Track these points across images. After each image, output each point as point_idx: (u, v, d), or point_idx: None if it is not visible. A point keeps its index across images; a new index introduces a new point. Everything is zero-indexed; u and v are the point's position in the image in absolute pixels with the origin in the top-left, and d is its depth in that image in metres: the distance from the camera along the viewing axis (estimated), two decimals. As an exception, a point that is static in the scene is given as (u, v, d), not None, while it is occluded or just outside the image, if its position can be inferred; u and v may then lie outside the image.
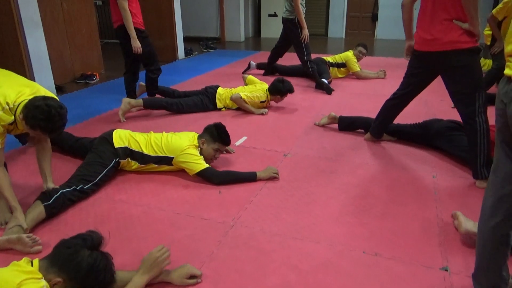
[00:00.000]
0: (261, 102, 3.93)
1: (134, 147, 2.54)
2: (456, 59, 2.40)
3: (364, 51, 5.36)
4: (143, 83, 4.12)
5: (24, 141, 2.92)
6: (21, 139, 2.86)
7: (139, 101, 3.73)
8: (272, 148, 3.05)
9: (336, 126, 3.45)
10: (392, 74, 5.55)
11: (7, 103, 1.90)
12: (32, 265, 1.34)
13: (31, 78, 4.36)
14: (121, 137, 2.54)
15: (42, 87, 2.08)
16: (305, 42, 4.70)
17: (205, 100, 3.93)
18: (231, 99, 3.85)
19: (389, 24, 9.55)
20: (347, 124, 3.37)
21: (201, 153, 2.57)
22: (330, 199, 2.32)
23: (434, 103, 4.18)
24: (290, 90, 3.92)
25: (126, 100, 3.69)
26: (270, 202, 2.29)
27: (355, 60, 5.32)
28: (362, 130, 3.34)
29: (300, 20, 4.60)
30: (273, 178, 2.55)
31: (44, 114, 1.83)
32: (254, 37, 10.37)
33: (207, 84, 4.44)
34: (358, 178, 2.59)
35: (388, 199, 2.33)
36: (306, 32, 4.66)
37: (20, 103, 1.91)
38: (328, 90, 4.63)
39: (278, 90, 3.88)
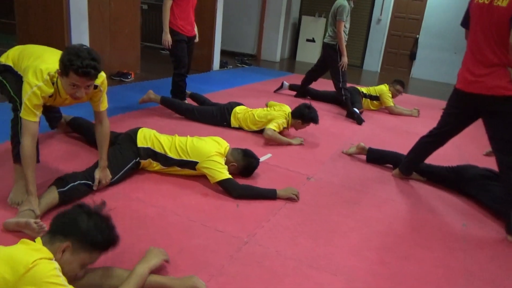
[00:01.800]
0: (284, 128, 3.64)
1: (157, 148, 2.50)
2: (502, 105, 2.28)
3: (401, 89, 5.25)
4: (151, 91, 3.96)
5: (53, 126, 2.94)
6: (51, 123, 2.89)
7: (158, 97, 3.84)
8: (295, 170, 2.97)
9: (363, 157, 3.34)
10: (425, 114, 5.41)
11: (48, 74, 1.91)
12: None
13: (70, 68, 4.45)
14: (145, 137, 2.52)
15: None
16: (343, 70, 4.65)
17: (218, 115, 3.75)
18: (266, 138, 3.43)
19: (427, 64, 9.43)
20: (376, 157, 3.26)
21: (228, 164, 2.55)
22: (351, 231, 2.21)
23: (468, 149, 4.02)
24: (314, 119, 3.56)
25: (149, 91, 3.87)
26: (288, 224, 2.20)
27: (390, 95, 5.22)
28: (391, 165, 3.22)
29: (341, 47, 4.57)
30: (293, 199, 2.46)
31: (74, 51, 1.80)
32: (289, 59, 10.43)
33: (237, 98, 4.44)
34: (382, 213, 2.47)
35: (413, 240, 2.20)
36: (345, 59, 4.62)
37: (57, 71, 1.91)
38: (359, 120, 4.54)
39: (302, 115, 3.53)
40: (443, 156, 3.27)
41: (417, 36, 9.40)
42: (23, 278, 1.13)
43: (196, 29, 4.20)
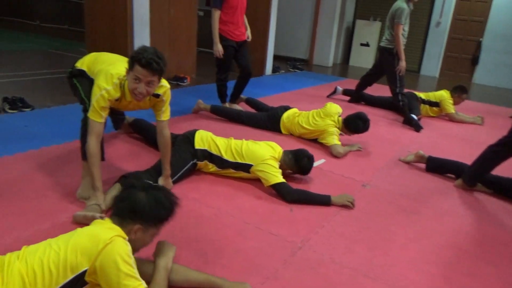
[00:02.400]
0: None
1: (213, 150, 2.56)
2: None
3: (464, 95, 4.96)
4: (201, 101, 4.10)
5: (117, 127, 3.11)
6: (116, 124, 3.06)
7: (207, 106, 3.98)
8: (350, 176, 2.90)
9: (422, 165, 3.19)
10: (490, 122, 5.07)
11: (119, 77, 2.02)
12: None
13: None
14: (203, 139, 2.59)
15: None
16: (400, 74, 4.49)
17: (266, 120, 3.75)
18: (334, 155, 3.26)
19: (491, 69, 8.85)
20: (437, 166, 3.10)
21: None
22: (410, 242, 2.11)
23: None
24: (363, 131, 3.41)
25: (199, 101, 4.04)
26: (343, 231, 2.15)
27: (451, 101, 4.94)
28: (453, 175, 3.05)
29: (399, 50, 4.41)
30: (348, 206, 2.40)
31: (142, 47, 1.92)
32: (342, 64, 10.25)
33: (289, 102, 4.43)
34: (444, 225, 2.34)
35: (477, 256, 2.06)
36: (403, 64, 4.46)
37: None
38: (417, 127, 4.35)
39: (356, 129, 3.37)
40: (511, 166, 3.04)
41: (481, 39, 8.86)
42: (101, 252, 1.23)
43: (248, 30, 4.22)
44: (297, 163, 2.61)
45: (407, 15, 4.39)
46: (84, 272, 1.23)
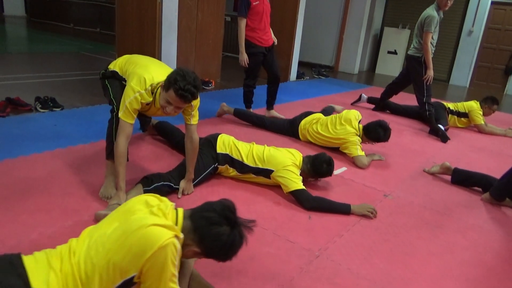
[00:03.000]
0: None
1: (235, 155, 2.58)
2: None
3: (494, 107, 4.80)
4: (224, 104, 4.11)
5: (144, 129, 3.17)
6: (143, 126, 3.12)
7: (231, 109, 4.00)
8: (372, 186, 2.85)
9: (448, 177, 3.10)
10: (522, 134, 4.87)
11: (151, 85, 2.07)
12: (177, 217, 1.32)
13: (158, 75, 4.82)
14: (225, 143, 2.61)
15: None
16: (428, 83, 4.39)
17: (287, 126, 3.73)
18: (359, 166, 3.18)
19: (525, 80, 8.52)
20: (463, 178, 3.00)
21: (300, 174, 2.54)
22: (432, 256, 2.05)
23: None
24: (385, 140, 3.27)
25: (222, 104, 4.06)
26: (362, 241, 2.11)
27: (480, 112, 4.79)
28: (479, 189, 2.95)
29: (427, 59, 4.31)
30: (368, 216, 2.36)
31: (182, 73, 1.92)
32: (368, 72, 10.12)
33: (312, 109, 4.40)
34: (468, 240, 2.26)
35: (506, 275, 1.98)
36: (431, 73, 4.35)
37: (159, 83, 2.07)
38: (444, 138, 4.24)
39: (377, 137, 3.23)
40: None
41: (515, 49, 8.55)
42: (152, 257, 1.18)
43: (272, 35, 4.22)
44: (316, 169, 2.58)
45: (437, 23, 4.29)
46: (133, 277, 1.21)
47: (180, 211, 1.36)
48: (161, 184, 2.24)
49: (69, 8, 11.40)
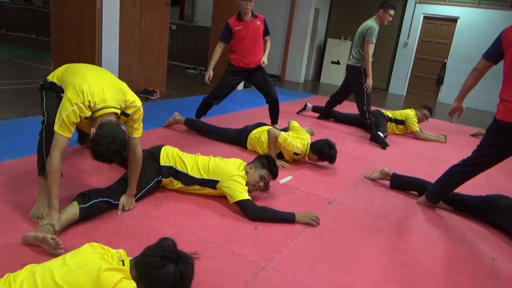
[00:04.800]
0: (295, 154, 3.39)
1: (179, 167, 2.51)
2: None
3: (429, 115, 5.15)
4: (177, 113, 4.09)
5: (83, 142, 3.00)
6: (82, 139, 2.95)
7: (182, 118, 4.00)
8: (316, 193, 2.91)
9: (387, 182, 3.25)
10: (452, 139, 5.26)
11: (94, 102, 1.94)
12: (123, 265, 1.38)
13: (98, 84, 4.60)
14: (168, 155, 2.53)
15: (130, 91, 2.12)
16: (367, 92, 4.59)
17: (236, 136, 3.74)
18: (269, 132, 3.38)
19: (455, 89, 9.16)
20: (401, 183, 3.16)
21: (247, 177, 2.53)
22: (373, 261, 2.12)
23: (498, 179, 3.85)
24: (332, 160, 3.39)
25: (175, 114, 4.07)
26: (307, 250, 2.13)
27: (416, 120, 5.11)
28: (416, 192, 3.11)
29: (367, 68, 4.51)
30: (311, 224, 2.39)
31: (94, 142, 1.88)
32: (314, 81, 10.44)
33: (260, 118, 4.44)
34: (406, 243, 2.37)
35: (440, 274, 2.09)
36: (370, 81, 4.56)
37: (101, 108, 1.95)
38: (383, 145, 4.45)
39: (321, 154, 3.35)
40: (472, 185, 3.12)
41: (445, 60, 9.26)
42: None
43: (265, 56, 4.15)
44: (266, 160, 2.61)
45: (377, 34, 4.52)
46: None
47: (126, 261, 1.39)
48: (99, 201, 2.12)
49: (1, 12, 10.64)
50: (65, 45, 4.91)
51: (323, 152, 3.37)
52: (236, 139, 3.75)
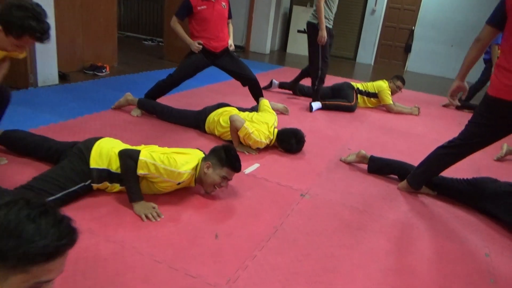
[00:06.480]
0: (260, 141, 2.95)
1: (116, 168, 2.01)
2: None
3: (402, 86, 4.86)
4: (129, 93, 3.57)
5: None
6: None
7: (135, 99, 3.50)
8: (287, 184, 2.54)
9: (364, 166, 2.93)
10: (424, 111, 5.02)
11: None
12: None
13: (32, 59, 3.96)
14: (102, 155, 2.01)
15: None
16: (323, 48, 4.13)
17: (194, 118, 3.28)
18: (231, 119, 2.90)
19: (423, 57, 9.07)
20: (379, 167, 2.85)
21: (204, 179, 2.12)
22: (357, 269, 1.79)
23: (476, 155, 3.61)
24: (295, 151, 3.07)
25: (127, 94, 3.56)
26: (279, 262, 1.77)
27: (389, 92, 4.81)
28: (396, 176, 2.82)
29: (320, 19, 4.01)
30: (148, 219, 1.91)
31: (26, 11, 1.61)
32: (280, 51, 9.96)
33: (222, 95, 3.99)
34: (392, 242, 2.06)
35: (430, 279, 1.80)
36: (323, 33, 4.03)
37: None
38: (310, 108, 4.37)
39: (287, 147, 3.03)
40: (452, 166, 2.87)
41: (413, 27, 9.01)
42: None
43: (231, 39, 3.64)
44: (224, 153, 2.12)
45: None
46: None
47: None
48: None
49: None
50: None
51: (289, 145, 3.02)
52: (195, 121, 3.30)
